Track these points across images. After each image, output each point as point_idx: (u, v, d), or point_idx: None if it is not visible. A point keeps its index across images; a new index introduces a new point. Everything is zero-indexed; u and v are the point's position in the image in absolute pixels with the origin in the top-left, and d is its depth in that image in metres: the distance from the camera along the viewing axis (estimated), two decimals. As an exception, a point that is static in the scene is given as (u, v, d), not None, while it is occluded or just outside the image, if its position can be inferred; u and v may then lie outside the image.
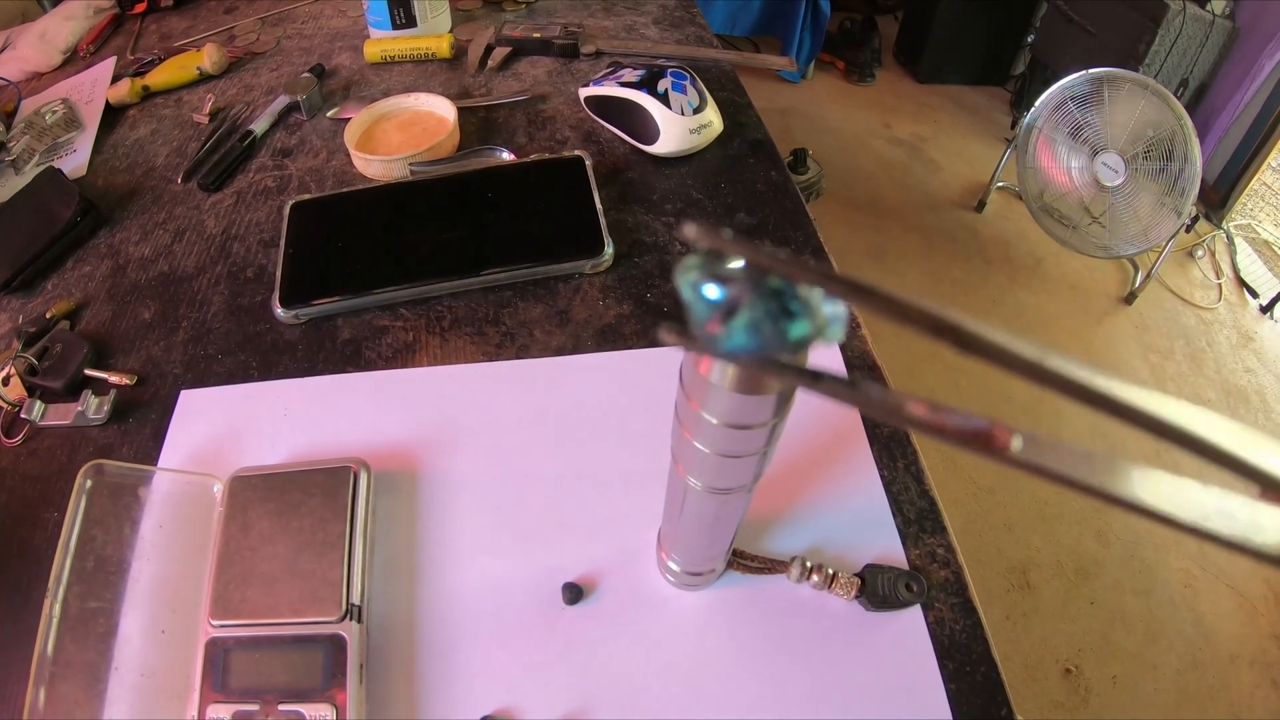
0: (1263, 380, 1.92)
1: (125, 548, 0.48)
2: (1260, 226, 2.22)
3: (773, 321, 0.20)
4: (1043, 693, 1.39)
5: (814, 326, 0.20)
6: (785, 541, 0.49)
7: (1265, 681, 1.41)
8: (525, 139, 0.82)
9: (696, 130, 0.74)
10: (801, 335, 0.20)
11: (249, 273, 0.69)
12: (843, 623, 0.46)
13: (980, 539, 1.59)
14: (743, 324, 0.20)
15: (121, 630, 0.46)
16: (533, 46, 0.94)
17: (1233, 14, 2.06)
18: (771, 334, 0.20)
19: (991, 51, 2.77)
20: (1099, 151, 1.85)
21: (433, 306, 0.64)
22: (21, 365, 0.60)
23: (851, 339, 0.60)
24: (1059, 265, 2.18)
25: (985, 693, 0.43)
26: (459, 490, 0.53)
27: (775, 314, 0.20)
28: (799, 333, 0.20)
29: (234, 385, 0.60)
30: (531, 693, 0.44)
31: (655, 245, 0.68)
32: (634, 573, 0.48)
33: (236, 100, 0.91)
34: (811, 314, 0.20)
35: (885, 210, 2.37)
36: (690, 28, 0.99)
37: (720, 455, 0.29)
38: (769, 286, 0.20)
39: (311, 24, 1.06)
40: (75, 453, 0.56)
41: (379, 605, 0.47)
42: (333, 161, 0.80)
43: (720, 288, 0.20)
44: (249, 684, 0.42)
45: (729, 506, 0.35)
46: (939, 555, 0.48)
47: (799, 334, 0.20)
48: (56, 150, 0.86)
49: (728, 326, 0.20)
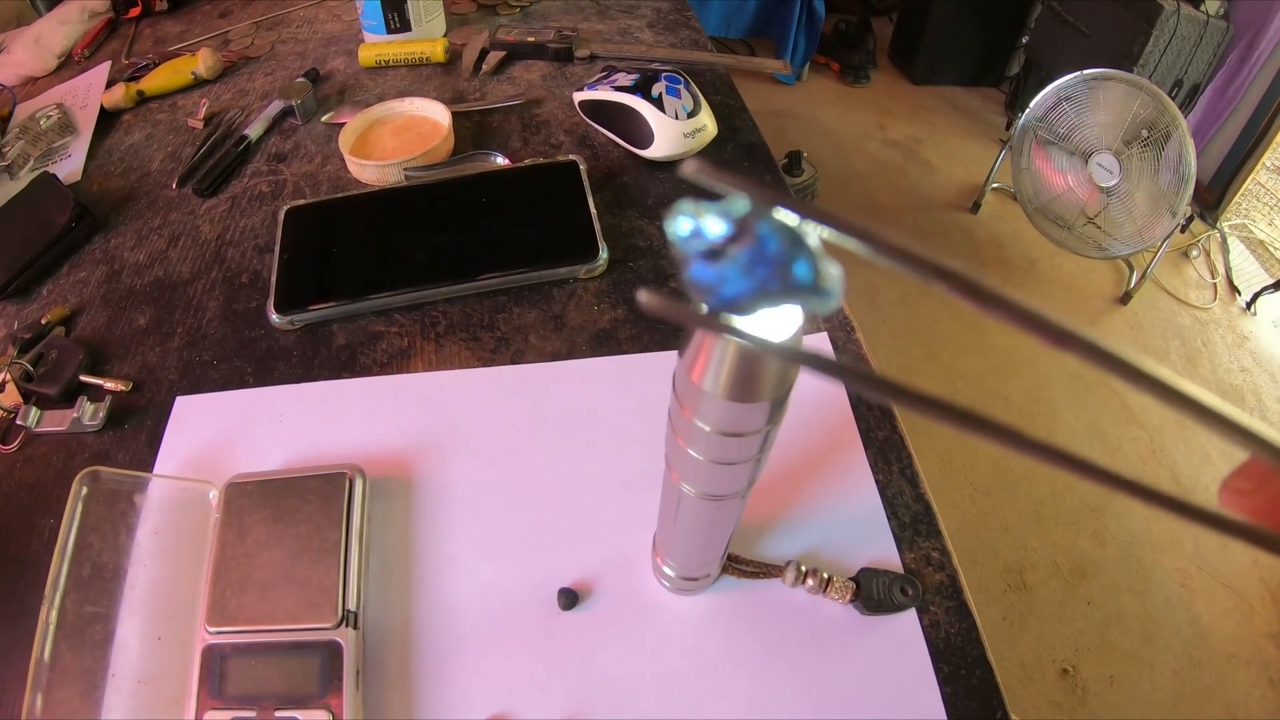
0: (1258, 380, 1.93)
1: (121, 554, 0.48)
2: (1255, 226, 2.23)
3: (774, 259, 0.18)
4: (1040, 693, 1.39)
5: (816, 271, 0.18)
6: (780, 546, 0.49)
7: (1262, 681, 1.41)
8: (520, 143, 0.82)
9: (691, 134, 0.74)
10: (804, 276, 0.18)
11: (244, 278, 0.69)
12: (838, 627, 0.46)
13: (977, 540, 1.59)
14: (741, 262, 0.18)
15: (118, 637, 0.46)
16: (527, 51, 0.94)
17: (1227, 15, 2.07)
18: (773, 272, 0.18)
19: (986, 53, 2.78)
20: (1094, 153, 1.85)
21: (427, 312, 0.64)
22: (17, 371, 0.60)
23: (846, 343, 0.60)
24: (1054, 266, 2.18)
25: (981, 696, 0.43)
26: (454, 496, 0.53)
27: (776, 252, 0.18)
28: (802, 272, 0.18)
29: (229, 391, 0.60)
30: (527, 698, 0.44)
31: (650, 250, 0.68)
32: (629, 578, 0.48)
33: (231, 105, 0.91)
34: (813, 258, 0.18)
35: (880, 212, 2.38)
36: (685, 31, 1.00)
37: (714, 462, 0.29)
38: (769, 226, 0.18)
39: (306, 28, 1.06)
40: (71, 459, 0.56)
41: (375, 611, 0.47)
42: (327, 166, 0.80)
43: (719, 224, 0.18)
44: (245, 690, 0.42)
45: (723, 512, 0.35)
46: (934, 559, 0.48)
47: (802, 273, 0.18)
48: (51, 155, 0.86)
49: (723, 268, 0.18)
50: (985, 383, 1.89)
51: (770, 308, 0.19)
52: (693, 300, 0.19)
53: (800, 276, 0.18)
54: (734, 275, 0.18)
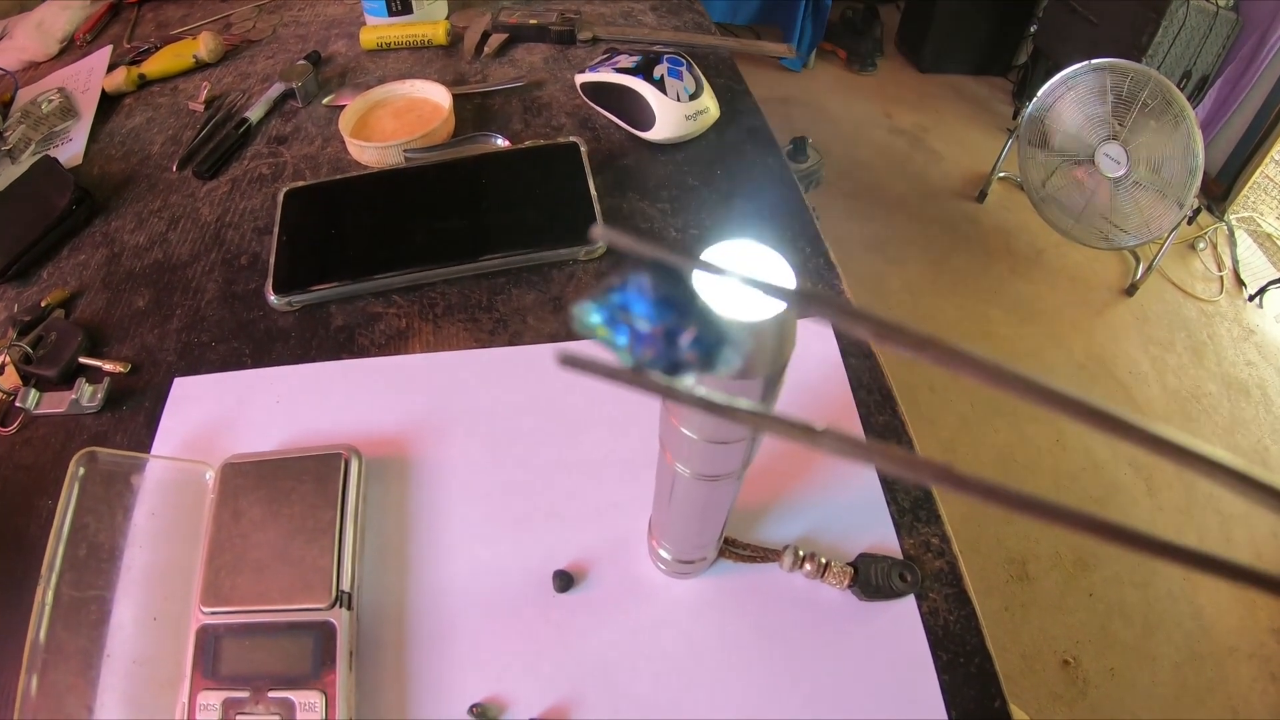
0: (1264, 373, 1.92)
1: (118, 535, 0.48)
2: (1262, 219, 2.21)
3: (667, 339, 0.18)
4: (1041, 684, 1.39)
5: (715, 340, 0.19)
6: (778, 530, 0.49)
7: (1264, 675, 1.41)
8: (521, 125, 0.81)
9: (692, 116, 0.73)
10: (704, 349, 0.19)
11: (243, 260, 0.69)
12: (835, 613, 0.46)
13: (980, 530, 1.58)
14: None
15: (114, 617, 0.46)
16: (529, 33, 0.93)
17: (1236, 6, 2.05)
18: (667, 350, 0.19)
19: (993, 42, 2.75)
20: (1101, 142, 1.84)
21: (426, 293, 0.64)
22: (17, 354, 0.60)
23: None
24: (1060, 256, 2.17)
25: (979, 684, 0.43)
26: (450, 477, 0.52)
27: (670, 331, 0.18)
28: (701, 347, 0.19)
29: (227, 372, 0.60)
30: (522, 679, 0.44)
31: (650, 232, 0.68)
32: (625, 560, 0.48)
33: (232, 88, 0.91)
34: (717, 331, 0.19)
35: (886, 200, 2.36)
36: (688, 14, 0.99)
37: (707, 441, 0.29)
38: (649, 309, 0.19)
39: (308, 11, 1.05)
40: (69, 440, 0.56)
41: (369, 592, 0.47)
42: (328, 149, 0.80)
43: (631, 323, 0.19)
44: (240, 670, 0.42)
45: (718, 493, 0.35)
46: (934, 545, 0.48)
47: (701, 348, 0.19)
48: (52, 139, 0.86)
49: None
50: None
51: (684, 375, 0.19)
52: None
53: (699, 351, 0.19)
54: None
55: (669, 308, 0.19)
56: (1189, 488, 1.64)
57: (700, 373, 0.19)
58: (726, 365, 0.19)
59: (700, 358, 0.19)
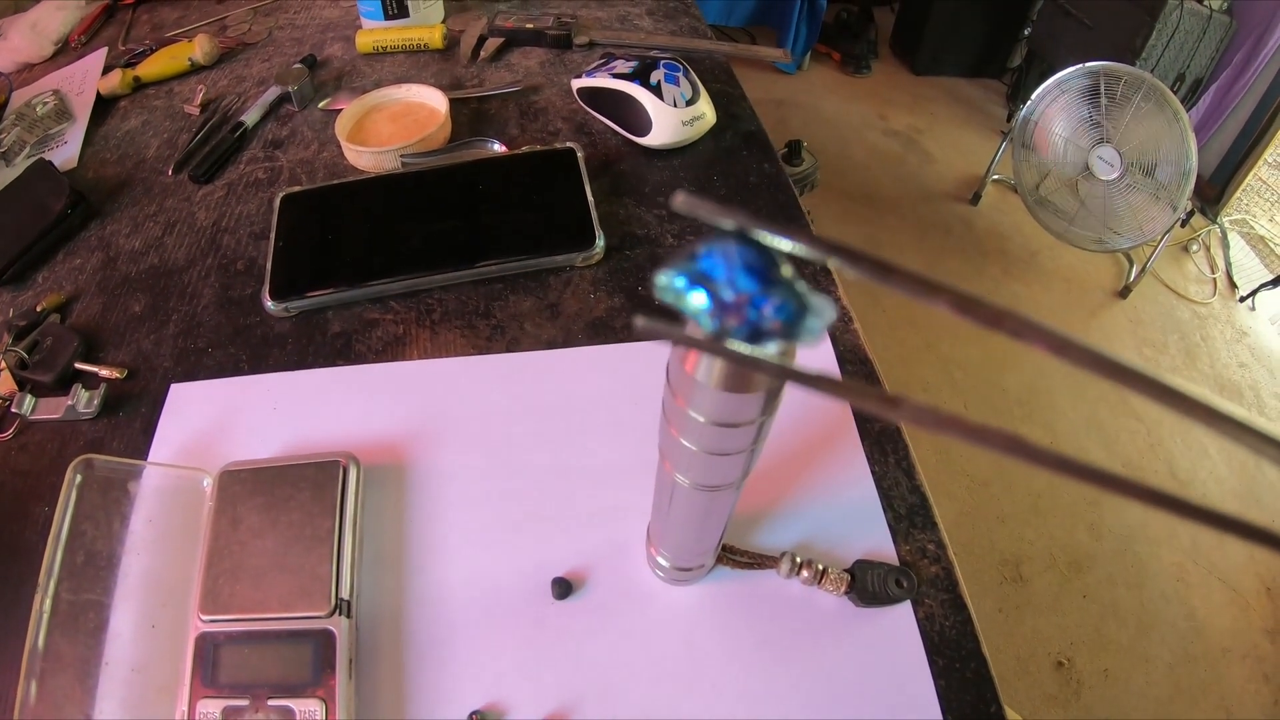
0: (1256, 375, 1.93)
1: (115, 542, 0.48)
2: (1255, 222, 2.23)
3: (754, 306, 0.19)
4: (1034, 685, 1.39)
5: (799, 311, 0.19)
6: (775, 537, 0.49)
7: (1257, 676, 1.42)
8: (517, 130, 0.81)
9: (689, 122, 0.74)
10: (787, 318, 0.19)
11: (239, 265, 0.68)
12: (832, 619, 0.46)
13: (974, 532, 1.59)
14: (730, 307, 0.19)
15: (112, 625, 0.46)
16: (526, 37, 0.94)
17: (1230, 9, 2.06)
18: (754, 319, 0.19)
19: (988, 44, 2.77)
20: (1095, 145, 1.84)
21: (423, 299, 0.64)
22: (12, 359, 0.60)
23: (844, 333, 0.60)
24: (1054, 258, 2.18)
25: (975, 689, 0.43)
26: (448, 484, 0.52)
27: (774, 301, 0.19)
28: (784, 315, 0.19)
29: (224, 379, 0.60)
30: (520, 687, 0.44)
31: (647, 238, 0.68)
32: (623, 568, 0.48)
33: (228, 91, 0.91)
34: (801, 299, 0.19)
35: (880, 202, 2.37)
36: (684, 19, 0.99)
37: (708, 453, 0.29)
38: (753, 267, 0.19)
39: (304, 14, 1.05)
40: (65, 447, 0.56)
41: (368, 600, 0.47)
42: (324, 153, 0.80)
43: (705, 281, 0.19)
44: (239, 678, 0.42)
45: (717, 503, 0.35)
46: (930, 551, 0.48)
47: (785, 316, 0.19)
48: (47, 142, 0.86)
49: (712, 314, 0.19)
50: (983, 373, 1.89)
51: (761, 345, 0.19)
52: (685, 322, 0.20)
53: (784, 318, 0.19)
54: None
55: (754, 275, 0.19)
56: (1183, 488, 1.65)
57: (784, 341, 0.19)
58: (810, 334, 0.19)
59: (784, 326, 0.19)
